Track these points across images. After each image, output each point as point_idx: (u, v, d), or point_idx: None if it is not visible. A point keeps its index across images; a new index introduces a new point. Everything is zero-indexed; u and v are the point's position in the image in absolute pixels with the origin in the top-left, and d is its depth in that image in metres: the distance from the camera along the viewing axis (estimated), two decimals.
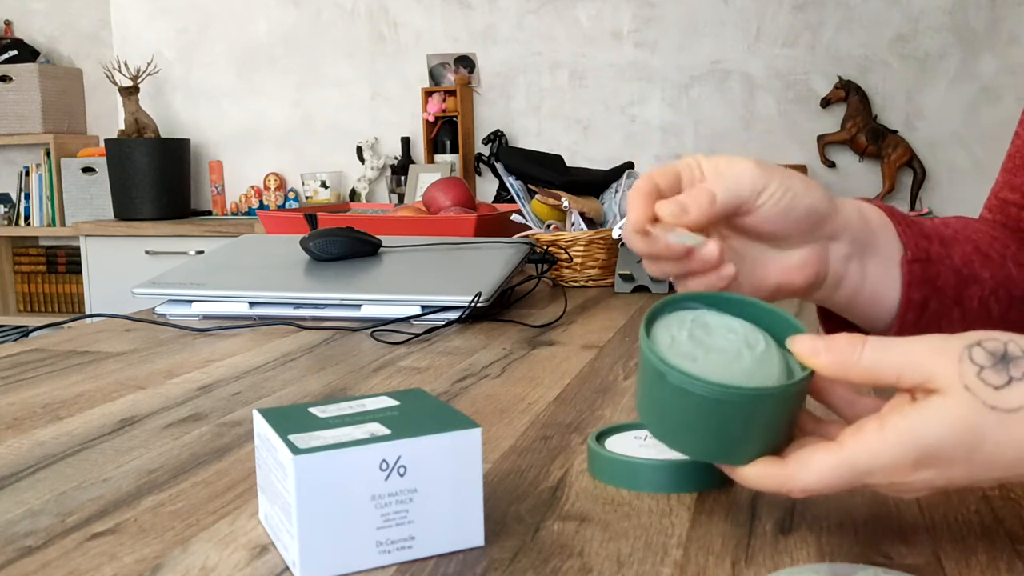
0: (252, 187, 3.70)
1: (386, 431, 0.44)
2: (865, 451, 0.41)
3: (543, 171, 1.51)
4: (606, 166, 3.44)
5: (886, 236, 0.57)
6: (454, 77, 3.49)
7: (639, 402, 0.47)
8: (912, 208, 3.16)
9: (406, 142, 3.54)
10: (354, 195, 3.63)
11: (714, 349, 0.45)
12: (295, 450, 0.42)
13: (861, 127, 3.13)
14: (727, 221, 0.53)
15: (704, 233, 0.51)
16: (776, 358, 0.45)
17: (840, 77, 3.18)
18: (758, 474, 0.44)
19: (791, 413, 0.44)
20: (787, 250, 0.54)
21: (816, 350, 0.44)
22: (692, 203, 0.50)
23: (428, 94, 3.43)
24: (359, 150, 3.58)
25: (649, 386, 0.45)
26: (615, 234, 1.34)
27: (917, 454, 0.40)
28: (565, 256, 1.36)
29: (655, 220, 0.50)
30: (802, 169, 2.97)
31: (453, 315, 1.06)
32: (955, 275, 0.57)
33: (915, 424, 0.40)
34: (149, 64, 3.77)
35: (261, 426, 0.47)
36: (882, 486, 0.42)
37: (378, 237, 1.28)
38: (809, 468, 0.42)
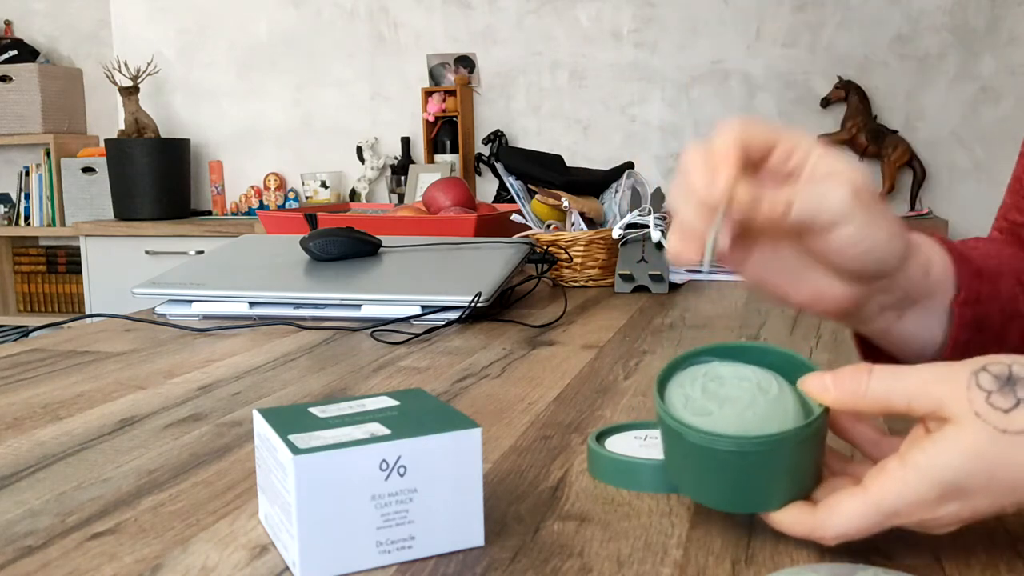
0: (252, 187, 3.70)
1: (386, 431, 0.44)
2: (889, 492, 0.41)
3: (543, 171, 1.51)
4: (606, 166, 3.44)
5: (942, 287, 0.55)
6: (454, 77, 3.49)
7: (667, 464, 0.48)
8: (912, 208, 3.16)
9: (406, 142, 3.54)
10: (354, 195, 3.63)
11: (728, 400, 0.45)
12: (295, 450, 0.42)
13: (861, 127, 3.13)
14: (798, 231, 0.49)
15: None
16: (791, 399, 0.45)
17: (840, 77, 3.18)
18: (790, 521, 0.44)
19: (813, 453, 0.44)
20: (834, 281, 0.51)
21: (825, 386, 0.44)
22: (767, 205, 0.46)
23: (428, 94, 3.43)
24: (359, 150, 3.58)
25: (671, 447, 0.46)
26: (615, 234, 1.34)
27: (940, 489, 0.40)
28: (565, 256, 1.36)
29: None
30: None
31: (453, 315, 1.06)
32: (1001, 314, 0.56)
33: (932, 459, 0.40)
34: (149, 64, 3.77)
35: (261, 426, 0.47)
36: (911, 524, 0.42)
37: (378, 237, 1.28)
38: (838, 515, 0.42)
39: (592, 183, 1.51)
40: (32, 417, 0.70)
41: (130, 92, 3.51)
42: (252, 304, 1.11)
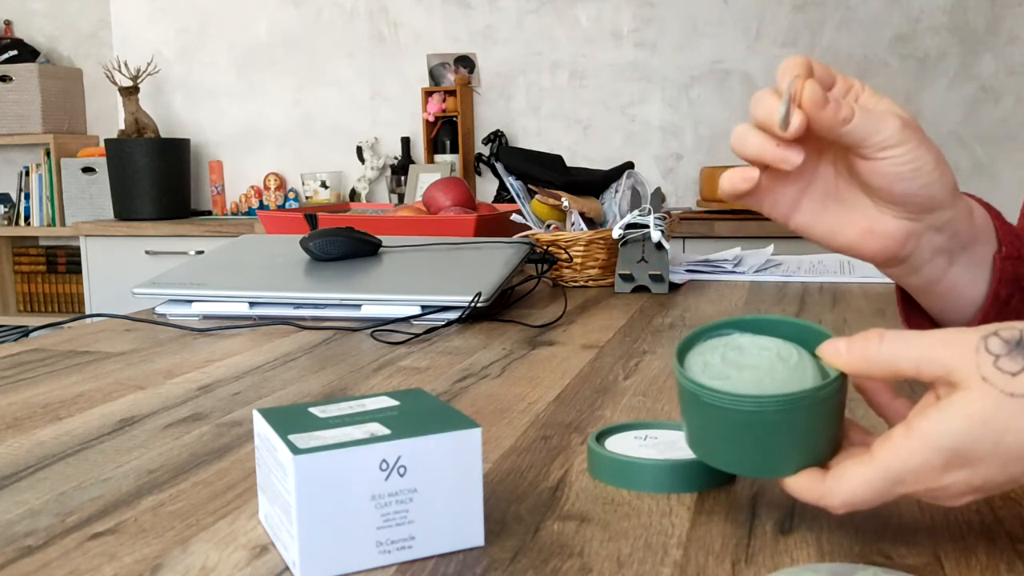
0: (252, 187, 3.70)
1: (386, 431, 0.44)
2: (895, 459, 0.41)
3: (543, 171, 1.51)
4: (606, 166, 3.44)
5: (985, 235, 0.57)
6: (454, 77, 3.49)
7: (687, 435, 0.48)
8: None
9: (406, 142, 3.54)
10: (354, 195, 3.63)
11: (747, 367, 0.45)
12: (295, 450, 0.42)
13: None
14: (846, 157, 0.53)
15: (819, 152, 0.54)
16: (811, 369, 0.45)
17: None
18: (801, 487, 0.44)
19: (828, 419, 0.44)
20: (885, 214, 0.54)
21: (838, 351, 0.44)
22: (832, 105, 0.50)
23: (428, 94, 3.43)
24: (359, 150, 3.58)
25: (688, 412, 0.46)
26: (615, 234, 1.34)
27: (944, 454, 0.40)
28: (565, 256, 1.36)
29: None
30: None
31: (453, 315, 1.06)
32: None
33: (937, 425, 0.40)
34: (149, 64, 3.77)
35: (261, 426, 0.47)
36: (919, 493, 0.42)
37: (378, 237, 1.28)
38: (845, 482, 0.42)
39: (592, 183, 1.51)
40: (32, 417, 0.70)
41: (130, 92, 3.51)
42: (252, 304, 1.11)
